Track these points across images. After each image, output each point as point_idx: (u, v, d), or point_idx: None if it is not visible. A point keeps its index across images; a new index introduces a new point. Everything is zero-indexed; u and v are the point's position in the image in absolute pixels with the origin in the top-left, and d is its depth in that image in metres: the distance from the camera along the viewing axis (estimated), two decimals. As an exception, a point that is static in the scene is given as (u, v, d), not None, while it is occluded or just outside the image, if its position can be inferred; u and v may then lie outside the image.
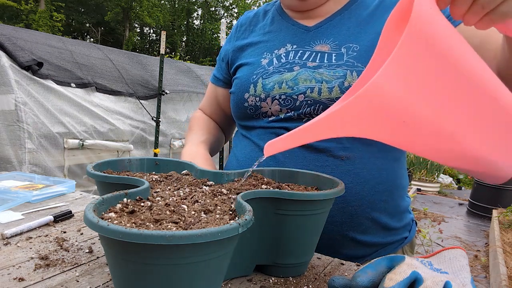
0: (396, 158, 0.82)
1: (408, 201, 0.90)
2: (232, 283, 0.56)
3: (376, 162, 0.79)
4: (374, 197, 0.78)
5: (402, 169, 0.86)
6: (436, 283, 0.44)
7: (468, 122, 0.43)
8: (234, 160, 0.91)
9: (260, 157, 0.61)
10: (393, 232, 0.84)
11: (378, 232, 0.81)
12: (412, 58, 0.39)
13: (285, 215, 0.55)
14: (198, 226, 0.42)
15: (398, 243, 0.85)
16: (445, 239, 3.95)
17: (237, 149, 0.92)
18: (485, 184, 5.03)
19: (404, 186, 0.86)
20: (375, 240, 0.81)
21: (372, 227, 0.79)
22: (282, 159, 0.80)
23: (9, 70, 2.60)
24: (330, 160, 0.77)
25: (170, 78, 4.09)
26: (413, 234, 0.90)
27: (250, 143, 0.87)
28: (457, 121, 0.43)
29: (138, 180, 0.56)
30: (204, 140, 0.96)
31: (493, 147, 0.45)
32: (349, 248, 0.79)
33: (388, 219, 0.81)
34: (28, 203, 0.90)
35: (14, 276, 0.55)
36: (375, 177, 0.78)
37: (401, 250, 0.86)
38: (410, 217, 0.91)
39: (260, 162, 0.61)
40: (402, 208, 0.85)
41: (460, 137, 0.44)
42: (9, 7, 17.65)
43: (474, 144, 0.45)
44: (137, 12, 21.81)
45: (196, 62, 17.53)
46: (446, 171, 7.85)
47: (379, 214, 0.79)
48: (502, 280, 2.48)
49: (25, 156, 2.64)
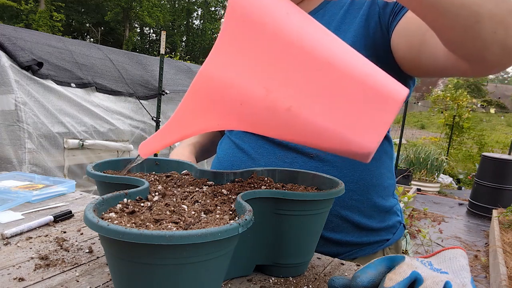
0: (374, 158, 0.81)
1: (393, 202, 0.89)
2: (232, 283, 0.56)
3: (349, 161, 0.78)
4: (344, 196, 0.77)
5: (382, 168, 0.84)
6: (436, 283, 0.44)
7: (304, 94, 0.42)
8: (216, 159, 0.94)
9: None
10: (372, 232, 0.83)
11: (351, 231, 0.80)
12: (234, 41, 0.40)
13: (285, 215, 0.55)
14: (198, 226, 0.42)
15: (377, 244, 0.84)
16: (445, 239, 3.95)
17: (219, 147, 0.95)
18: (485, 184, 5.04)
19: (385, 186, 0.85)
20: (347, 239, 0.80)
21: (342, 225, 0.79)
22: (255, 156, 0.83)
23: (9, 70, 2.60)
24: (299, 157, 0.79)
25: (170, 78, 4.09)
26: (398, 237, 0.89)
27: (230, 142, 0.90)
28: (292, 95, 0.42)
29: (138, 180, 0.56)
30: (193, 142, 1.00)
31: (337, 119, 0.43)
32: (318, 245, 0.78)
33: (362, 218, 0.80)
34: (28, 203, 0.90)
35: (14, 276, 0.55)
36: (346, 175, 0.78)
37: (382, 252, 0.85)
38: (396, 219, 0.89)
39: (231, 160, 0.60)
40: (383, 208, 0.84)
41: (297, 110, 0.42)
42: (9, 7, 17.66)
43: (316, 117, 0.43)
44: (137, 12, 21.81)
45: (196, 62, 17.51)
46: (446, 171, 7.86)
47: (350, 213, 0.79)
48: (502, 280, 2.48)
49: (25, 156, 2.64)
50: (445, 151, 8.17)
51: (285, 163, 0.80)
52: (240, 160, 0.85)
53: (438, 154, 6.85)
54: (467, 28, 0.49)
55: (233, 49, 0.40)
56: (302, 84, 0.42)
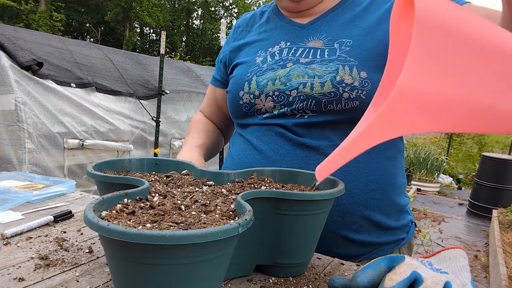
0: (391, 157, 0.82)
1: (406, 200, 0.90)
2: (232, 283, 0.56)
3: (370, 161, 0.78)
4: (367, 195, 0.78)
5: (398, 168, 0.85)
6: (436, 283, 0.44)
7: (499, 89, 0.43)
8: (229, 159, 0.92)
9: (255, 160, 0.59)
10: (390, 232, 0.83)
11: (373, 231, 0.80)
12: (428, 50, 0.40)
13: (285, 215, 0.55)
14: (198, 226, 0.42)
15: (395, 243, 0.85)
16: (445, 239, 3.95)
17: (233, 147, 0.93)
18: (485, 184, 5.04)
19: (400, 185, 0.86)
20: (369, 239, 0.80)
21: (365, 225, 0.79)
22: (275, 158, 0.81)
23: (9, 70, 2.60)
24: (321, 158, 0.78)
25: (170, 78, 4.09)
26: (411, 235, 0.90)
27: (245, 142, 0.88)
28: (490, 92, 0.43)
29: (138, 180, 0.56)
30: (200, 144, 0.98)
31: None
32: (342, 247, 0.78)
33: (383, 218, 0.81)
34: (28, 203, 0.90)
35: (14, 276, 0.55)
36: (368, 175, 0.78)
37: (398, 251, 0.86)
38: (409, 218, 0.90)
39: (249, 161, 0.59)
40: (399, 207, 0.85)
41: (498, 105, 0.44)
42: (9, 7, 17.65)
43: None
44: (137, 12, 21.81)
45: (196, 62, 17.52)
46: (446, 171, 7.86)
47: (372, 212, 0.79)
48: (502, 280, 2.48)
49: (25, 156, 2.64)
50: (445, 151, 8.17)
51: (309, 164, 0.77)
52: (259, 162, 0.82)
53: (438, 154, 6.85)
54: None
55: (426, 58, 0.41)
56: (497, 81, 0.43)
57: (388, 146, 0.81)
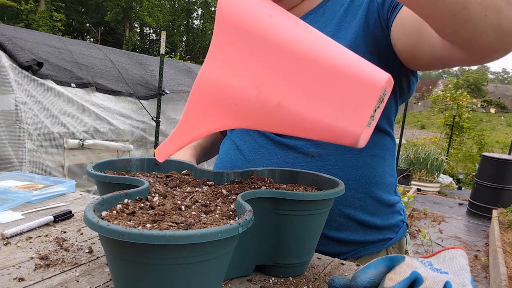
0: (375, 155, 0.82)
1: (396, 199, 0.89)
2: (232, 283, 0.56)
3: (351, 159, 0.78)
4: (346, 194, 0.78)
5: (386, 166, 0.84)
6: (436, 283, 0.44)
7: (291, 89, 0.45)
8: (218, 159, 0.94)
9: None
10: (375, 230, 0.83)
11: (356, 229, 0.80)
12: (224, 44, 0.45)
13: (285, 215, 0.55)
14: (198, 226, 0.42)
15: (381, 243, 0.84)
16: (445, 239, 3.95)
17: (221, 148, 0.95)
18: (485, 184, 5.04)
19: (388, 184, 0.85)
20: (352, 238, 0.80)
21: (346, 224, 0.79)
22: (253, 157, 0.82)
23: (9, 70, 2.60)
24: (300, 157, 0.79)
25: (170, 78, 4.09)
26: (401, 236, 0.89)
27: (231, 142, 0.90)
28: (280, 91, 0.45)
29: (138, 180, 0.56)
30: (194, 145, 1.00)
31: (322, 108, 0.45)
32: (322, 245, 0.78)
33: (367, 216, 0.80)
34: (28, 203, 0.90)
35: (14, 276, 0.55)
36: (348, 174, 0.78)
37: (386, 250, 0.85)
38: (399, 218, 0.89)
39: (232, 161, 0.60)
40: (386, 203, 0.84)
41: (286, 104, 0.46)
42: (9, 7, 17.66)
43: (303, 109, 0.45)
44: (137, 12, 21.82)
45: (196, 62, 17.50)
46: (446, 171, 7.86)
47: (354, 211, 0.79)
48: (502, 280, 2.48)
49: (25, 156, 2.64)
50: (445, 151, 8.16)
51: (286, 163, 0.79)
52: (240, 162, 0.84)
53: (438, 154, 6.85)
54: (456, 15, 0.49)
55: (223, 52, 0.45)
56: (288, 80, 0.45)
57: (373, 144, 0.81)
